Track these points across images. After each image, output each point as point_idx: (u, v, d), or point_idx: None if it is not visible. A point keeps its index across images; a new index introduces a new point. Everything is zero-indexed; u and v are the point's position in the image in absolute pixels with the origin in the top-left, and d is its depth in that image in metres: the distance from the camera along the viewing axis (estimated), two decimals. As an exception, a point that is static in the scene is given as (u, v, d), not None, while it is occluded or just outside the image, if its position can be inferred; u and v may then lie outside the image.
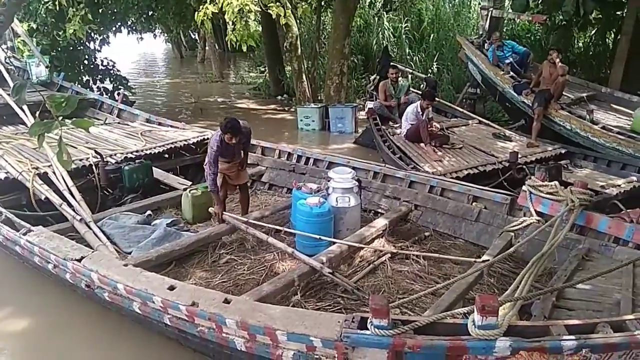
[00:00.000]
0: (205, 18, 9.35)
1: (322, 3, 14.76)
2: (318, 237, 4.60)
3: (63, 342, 4.16)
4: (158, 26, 18.18)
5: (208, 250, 4.87)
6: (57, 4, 10.00)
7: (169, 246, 4.68)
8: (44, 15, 10.59)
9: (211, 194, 5.19)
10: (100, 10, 11.79)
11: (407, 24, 15.50)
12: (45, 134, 2.29)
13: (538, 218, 4.58)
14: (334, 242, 4.62)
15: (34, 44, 10.29)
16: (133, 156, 6.44)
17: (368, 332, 2.52)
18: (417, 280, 4.34)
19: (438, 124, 8.37)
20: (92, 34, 12.58)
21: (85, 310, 4.44)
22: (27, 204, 5.50)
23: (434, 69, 14.17)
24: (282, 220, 5.52)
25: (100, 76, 13.22)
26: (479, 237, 5.12)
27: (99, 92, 11.90)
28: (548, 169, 5.96)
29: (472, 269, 3.73)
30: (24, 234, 4.49)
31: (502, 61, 9.81)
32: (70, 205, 5.23)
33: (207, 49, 25.48)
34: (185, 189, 5.79)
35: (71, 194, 5.38)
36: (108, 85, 13.27)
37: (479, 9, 12.02)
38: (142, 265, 4.11)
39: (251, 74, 21.44)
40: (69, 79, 10.30)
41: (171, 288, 3.41)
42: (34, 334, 4.27)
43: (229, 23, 9.53)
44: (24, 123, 6.99)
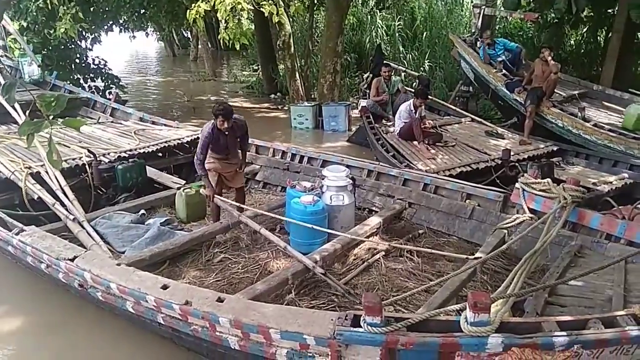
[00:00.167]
0: (198, 16, 9.33)
1: (315, 1, 14.76)
2: (310, 226, 4.58)
3: (56, 341, 4.14)
4: (150, 25, 18.06)
5: (202, 249, 4.86)
6: (48, 2, 9.93)
7: (162, 245, 4.67)
8: (35, 14, 10.51)
9: (202, 178, 5.23)
10: (92, 9, 11.73)
11: (400, 22, 15.51)
12: (39, 134, 2.28)
13: (531, 215, 4.59)
14: (329, 240, 4.64)
15: (25, 43, 10.21)
16: (126, 155, 6.42)
17: (361, 330, 2.53)
18: (411, 277, 4.35)
19: (431, 122, 8.41)
20: (84, 33, 12.50)
21: (79, 310, 4.44)
22: (19, 203, 5.47)
23: (425, 67, 14.18)
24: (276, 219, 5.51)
25: (91, 75, 13.16)
26: (472, 235, 5.14)
27: (90, 91, 11.83)
28: (540, 167, 6.02)
29: (466, 266, 3.74)
30: (17, 234, 4.47)
31: (494, 59, 9.84)
32: (63, 205, 5.20)
33: (199, 47, 25.32)
34: (179, 188, 5.77)
35: (64, 193, 5.35)
36: (100, 84, 13.21)
37: (472, 7, 12.06)
38: (136, 264, 4.10)
39: (244, 72, 21.39)
40: (61, 78, 10.23)
41: (164, 287, 3.40)
42: (27, 334, 4.25)
43: (222, 21, 9.51)
44: (17, 122, 6.94)
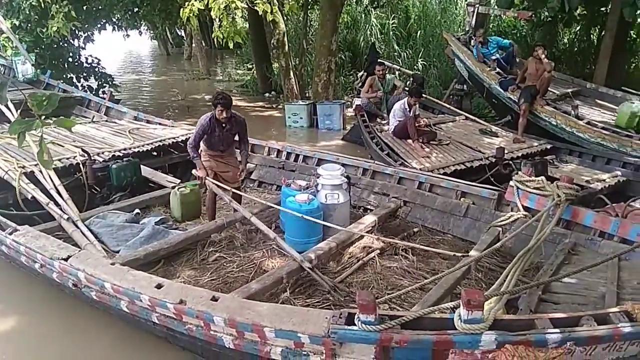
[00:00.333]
0: (191, 15, 9.31)
1: (309, -1, 14.75)
2: (301, 215, 4.57)
3: (50, 341, 4.13)
4: (144, 23, 18.00)
5: (197, 249, 4.85)
6: (40, 1, 9.88)
7: (157, 244, 4.65)
8: (28, 12, 10.43)
9: (194, 160, 5.28)
10: (85, 7, 11.67)
11: (394, 21, 15.51)
12: (32, 133, 2.27)
13: (525, 213, 4.60)
14: (324, 239, 4.64)
15: (19, 42, 10.15)
16: (121, 154, 6.39)
17: (355, 328, 2.53)
18: (406, 275, 4.36)
19: (425, 121, 8.42)
20: (76, 31, 12.45)
21: (73, 310, 4.43)
22: (13, 203, 5.44)
23: (419, 65, 14.19)
24: (272, 217, 5.52)
25: (84, 74, 13.10)
26: (467, 233, 5.16)
27: (83, 90, 11.78)
28: (534, 165, 6.05)
29: (460, 264, 3.74)
30: (10, 234, 4.45)
31: (488, 57, 9.87)
32: (57, 204, 5.17)
33: (193, 45, 25.28)
34: (173, 187, 5.76)
35: (58, 192, 5.32)
36: (93, 83, 13.16)
37: (466, 6, 12.07)
38: (130, 264, 4.08)
39: (238, 71, 21.35)
40: (54, 77, 10.17)
41: (159, 286, 3.40)
42: (20, 334, 4.23)
43: (216, 20, 9.50)
44: (10, 122, 6.91)
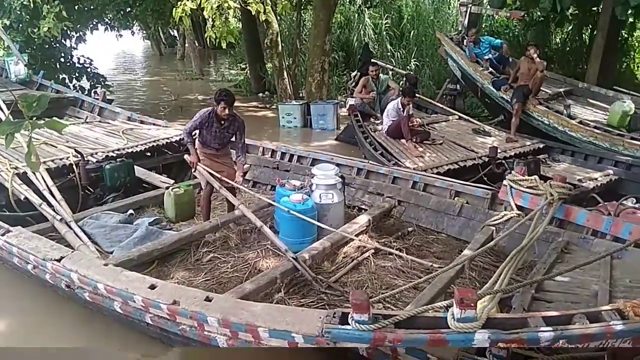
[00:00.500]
0: (184, 14, 9.27)
1: (303, -1, 14.74)
2: (290, 209, 4.60)
3: (44, 343, 4.10)
4: (136, 23, 17.93)
5: (191, 249, 4.84)
6: (31, 1, 9.82)
7: (151, 245, 4.64)
8: (19, 12, 10.37)
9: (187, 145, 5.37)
10: (76, 7, 11.61)
11: (387, 21, 15.54)
12: (26, 134, 2.24)
13: (518, 212, 4.61)
14: (318, 239, 4.64)
15: (11, 42, 10.08)
16: (114, 155, 6.36)
17: (349, 327, 2.53)
18: (400, 275, 4.36)
19: (419, 120, 8.44)
20: (68, 32, 12.38)
21: (67, 311, 4.39)
22: (6, 204, 5.39)
23: (412, 65, 14.22)
24: (266, 217, 5.51)
25: (76, 74, 13.02)
26: (461, 232, 5.17)
27: (75, 90, 11.72)
28: (527, 164, 6.06)
29: (454, 263, 3.76)
30: (3, 235, 4.41)
31: (480, 57, 9.90)
32: (50, 205, 5.15)
33: (186, 45, 25.16)
34: (167, 188, 5.74)
35: (51, 193, 5.30)
36: (85, 83, 13.08)
37: (458, 5, 12.11)
38: (124, 264, 4.06)
39: (232, 71, 21.31)
40: (45, 78, 10.12)
41: (152, 287, 3.38)
42: (13, 335, 4.21)
43: (208, 19, 9.47)
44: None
